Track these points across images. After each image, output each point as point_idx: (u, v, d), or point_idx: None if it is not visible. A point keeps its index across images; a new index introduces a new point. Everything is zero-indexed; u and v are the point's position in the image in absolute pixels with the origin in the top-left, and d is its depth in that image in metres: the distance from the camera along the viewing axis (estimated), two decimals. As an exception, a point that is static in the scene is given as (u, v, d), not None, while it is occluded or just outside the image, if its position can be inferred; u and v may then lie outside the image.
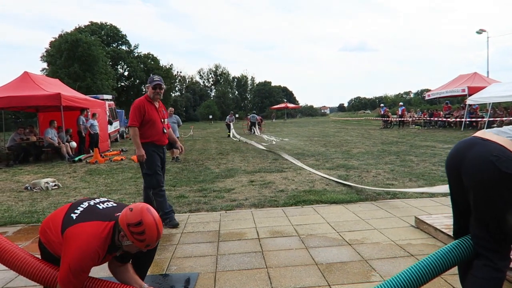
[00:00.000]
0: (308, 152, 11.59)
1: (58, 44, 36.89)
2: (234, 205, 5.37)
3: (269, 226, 4.36)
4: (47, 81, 13.67)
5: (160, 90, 4.53)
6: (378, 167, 8.16)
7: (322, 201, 5.36)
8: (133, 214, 2.20)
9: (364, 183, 6.46)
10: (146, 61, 54.26)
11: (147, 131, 4.47)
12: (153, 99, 4.56)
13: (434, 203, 5.09)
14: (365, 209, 4.94)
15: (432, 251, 3.42)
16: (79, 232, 2.20)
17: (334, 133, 21.49)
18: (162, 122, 4.61)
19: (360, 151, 11.33)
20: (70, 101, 12.09)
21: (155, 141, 4.53)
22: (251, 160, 10.43)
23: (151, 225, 2.20)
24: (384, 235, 3.89)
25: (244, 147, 14.39)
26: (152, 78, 4.58)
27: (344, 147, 12.90)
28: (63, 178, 8.58)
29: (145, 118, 4.44)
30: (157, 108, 4.60)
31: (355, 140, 15.83)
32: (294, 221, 4.49)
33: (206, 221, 4.66)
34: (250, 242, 3.85)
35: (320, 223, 4.40)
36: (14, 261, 2.33)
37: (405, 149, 11.58)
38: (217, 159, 10.85)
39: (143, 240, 2.20)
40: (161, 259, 3.50)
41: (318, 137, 18.24)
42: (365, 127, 27.39)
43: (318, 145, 14.13)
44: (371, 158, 9.73)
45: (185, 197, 5.96)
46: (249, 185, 6.81)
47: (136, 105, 4.45)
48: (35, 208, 5.69)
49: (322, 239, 3.85)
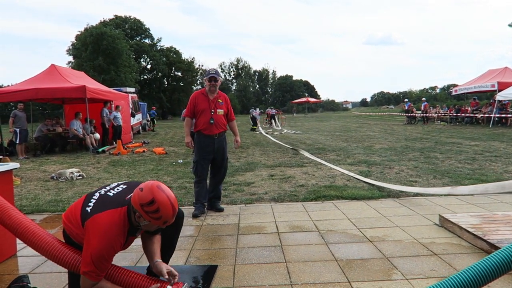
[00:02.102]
0: (329, 147, 11.49)
1: (83, 37, 37.76)
2: (254, 198, 5.39)
3: (288, 220, 4.36)
4: (73, 73, 14.01)
5: (216, 82, 4.72)
6: (401, 164, 8.01)
7: (342, 196, 5.31)
8: (144, 194, 2.21)
9: (386, 180, 6.36)
10: (169, 54, 54.86)
11: (197, 121, 4.78)
12: (209, 91, 4.75)
13: (459, 201, 4.96)
14: (387, 206, 4.86)
15: (456, 251, 3.34)
16: (96, 223, 2.25)
17: (356, 128, 21.21)
18: (211, 113, 4.71)
19: (383, 147, 11.14)
20: (95, 94, 12.36)
21: (202, 130, 4.76)
22: (271, 154, 10.42)
23: (165, 201, 2.20)
24: (407, 233, 3.82)
25: (265, 141, 14.39)
26: (208, 71, 4.77)
27: (366, 142, 12.72)
28: (87, 168, 8.80)
29: (196, 109, 4.75)
30: (210, 100, 4.73)
31: (377, 135, 15.58)
32: (314, 216, 4.47)
33: (226, 214, 4.70)
34: (270, 236, 3.85)
35: (341, 219, 4.36)
36: (42, 245, 2.40)
37: (430, 145, 11.32)
38: (237, 153, 10.89)
39: (159, 218, 2.21)
40: (181, 250, 3.54)
41: (339, 132, 18.05)
42: (388, 122, 26.91)
43: (339, 140, 13.98)
44: (394, 154, 9.56)
45: (205, 190, 6.01)
46: (269, 179, 6.81)
47: (191, 97, 4.83)
48: (60, 197, 5.87)
49: (342, 235, 3.82)
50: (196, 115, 4.74)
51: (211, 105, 4.73)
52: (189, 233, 4.04)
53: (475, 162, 7.93)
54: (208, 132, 4.73)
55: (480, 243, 3.36)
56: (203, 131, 4.73)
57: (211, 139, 4.75)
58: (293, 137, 15.96)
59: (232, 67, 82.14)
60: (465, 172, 6.80)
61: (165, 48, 55.92)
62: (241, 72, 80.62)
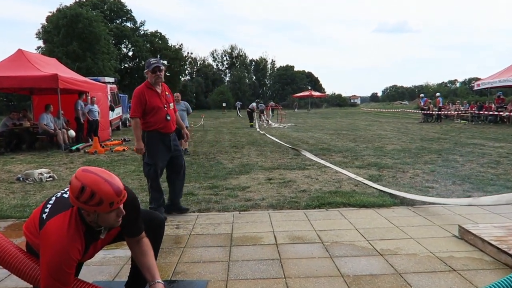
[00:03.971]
0: (334, 148, 11.52)
1: (55, 19, 37.57)
2: (249, 205, 5.39)
3: (288, 230, 4.36)
4: (43, 60, 13.94)
5: (160, 72, 4.74)
6: (416, 167, 8.05)
7: (350, 204, 5.32)
8: (73, 186, 2.19)
9: (399, 185, 6.38)
10: (153, 40, 54.72)
11: (150, 119, 4.73)
12: (155, 84, 4.79)
13: (481, 211, 4.99)
14: (400, 214, 4.87)
15: (478, 266, 3.35)
16: (47, 232, 2.23)
17: (365, 126, 21.27)
18: (165, 108, 4.83)
19: (395, 148, 11.19)
20: (68, 83, 12.31)
21: (159, 128, 4.78)
22: (269, 154, 10.42)
23: (96, 181, 2.17)
24: (422, 246, 3.83)
25: (262, 140, 14.40)
26: (149, 61, 4.80)
27: (376, 143, 12.76)
28: (58, 169, 8.76)
29: (147, 107, 4.70)
30: (160, 94, 4.83)
31: (389, 135, 15.64)
32: (317, 226, 4.47)
33: (217, 223, 4.69)
34: (267, 248, 3.85)
35: (347, 229, 4.37)
36: (4, 255, 2.38)
37: (449, 147, 11.38)
38: (231, 153, 10.88)
39: (101, 202, 2.17)
40: (166, 263, 3.53)
41: (346, 131, 18.09)
42: (401, 120, 27.02)
43: (346, 139, 14.02)
44: (408, 156, 9.60)
45: (193, 195, 6.01)
46: (267, 183, 6.81)
47: (136, 94, 4.72)
48: (27, 202, 5.83)
49: (349, 248, 3.82)
50: (148, 113, 4.73)
51: (162, 100, 4.83)
52: (175, 243, 4.03)
53: (499, 166, 7.97)
54: (165, 130, 4.83)
55: (505, 258, 3.38)
56: (160, 129, 4.78)
57: (168, 137, 4.87)
58: (294, 136, 15.98)
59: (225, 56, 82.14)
60: (488, 178, 6.83)
61: (149, 33, 55.75)
62: (236, 62, 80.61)
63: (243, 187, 6.49)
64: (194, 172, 8.03)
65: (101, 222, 2.29)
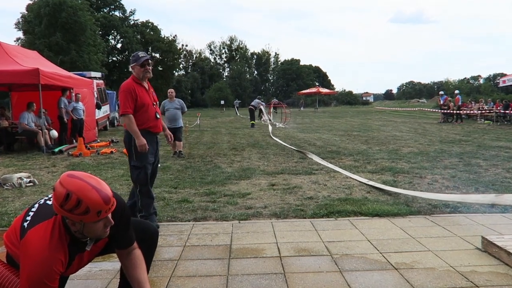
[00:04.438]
0: (344, 151, 11.53)
1: (36, 8, 37.65)
2: (250, 213, 5.40)
3: (293, 241, 4.37)
4: (23, 53, 13.98)
5: (149, 66, 4.81)
6: (434, 172, 8.06)
7: (361, 212, 5.33)
8: (57, 192, 2.19)
9: (416, 192, 6.38)
10: (144, 31, 54.88)
11: (140, 117, 4.77)
12: (143, 79, 4.85)
13: (507, 220, 4.99)
14: (417, 224, 4.88)
15: (503, 282, 3.36)
16: (27, 242, 2.24)
17: (379, 126, 21.28)
18: (154, 106, 4.93)
19: (412, 151, 11.19)
20: (50, 79, 12.34)
21: (149, 128, 4.84)
22: (272, 158, 10.44)
23: (82, 188, 2.17)
24: (441, 259, 3.84)
25: (264, 142, 14.43)
26: (137, 54, 4.84)
27: (391, 145, 12.78)
28: (39, 173, 8.78)
29: (138, 104, 4.74)
30: (148, 90, 4.91)
31: (405, 136, 15.64)
32: (326, 237, 4.48)
33: (215, 233, 4.70)
34: (269, 261, 3.86)
35: (359, 240, 4.38)
36: None
37: (471, 149, 11.38)
38: (230, 156, 10.90)
39: (87, 211, 2.17)
40: (158, 277, 3.54)
41: (357, 132, 18.10)
42: (419, 120, 27.02)
43: (357, 141, 14.03)
44: (426, 160, 9.61)
45: (189, 202, 6.03)
46: (269, 189, 6.83)
47: (126, 89, 4.73)
48: (5, 209, 5.85)
49: (360, 261, 3.83)
50: (138, 111, 4.78)
51: (150, 96, 4.92)
52: (168, 255, 4.04)
53: (527, 172, 7.98)
54: (155, 129, 4.92)
55: (533, 273, 3.37)
56: (150, 129, 4.85)
57: (156, 138, 4.98)
58: (300, 137, 15.99)
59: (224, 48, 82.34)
60: (514, 184, 6.84)
61: (139, 23, 55.96)
62: (235, 55, 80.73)
63: (244, 194, 6.50)
64: (189, 177, 8.05)
65: (87, 232, 2.28)
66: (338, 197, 6.14)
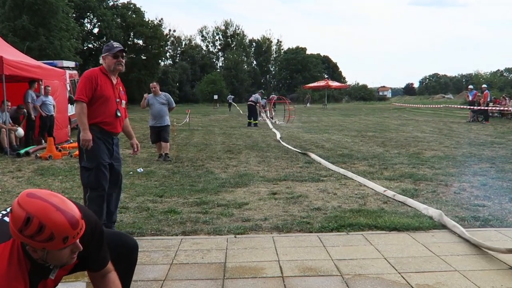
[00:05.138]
0: (358, 154, 11.54)
1: (0, -14, 37.59)
2: (248, 227, 5.40)
3: (298, 259, 4.37)
4: (-17, 39, 13.94)
5: (123, 58, 4.92)
6: (462, 179, 8.07)
7: (377, 226, 5.33)
8: (16, 215, 2.09)
9: (440, 202, 6.40)
10: (125, 13, 54.90)
11: (95, 109, 4.83)
12: (114, 72, 4.96)
13: (546, 236, 5.00)
14: (442, 240, 4.88)
15: (541, 307, 3.36)
16: None
17: (397, 126, 21.30)
18: (117, 103, 4.99)
19: (436, 155, 11.21)
20: (16, 69, 12.32)
21: (102, 124, 4.88)
22: (273, 162, 10.45)
23: (45, 211, 2.07)
24: (469, 280, 3.84)
25: (264, 143, 14.44)
26: (111, 44, 4.98)
27: (412, 147, 12.80)
28: (2, 178, 8.77)
29: (96, 93, 4.81)
30: (114, 85, 4.99)
31: (428, 137, 15.67)
32: (335, 254, 4.49)
33: (207, 249, 4.70)
34: (270, 282, 3.87)
35: (374, 258, 4.38)
36: None
37: (505, 153, 11.40)
38: (224, 159, 10.90)
39: (52, 237, 2.07)
40: (140, 300, 3.54)
41: (373, 132, 18.13)
42: (444, 119, 27.05)
43: (373, 143, 14.05)
44: (452, 165, 9.62)
45: (176, 213, 6.03)
46: (270, 198, 6.83)
47: (88, 75, 4.86)
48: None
49: (376, 282, 3.84)
50: (95, 101, 4.83)
51: (115, 91, 4.98)
52: (152, 275, 4.04)
53: None
54: (111, 128, 4.96)
55: None
56: (104, 125, 4.89)
57: (111, 139, 5.01)
58: (306, 138, 16.00)
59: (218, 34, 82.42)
60: (555, 194, 6.85)
61: (120, 4, 56.00)
62: (231, 42, 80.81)
63: (240, 204, 6.49)
64: (177, 183, 8.05)
65: (50, 260, 2.21)
66: (350, 208, 6.14)
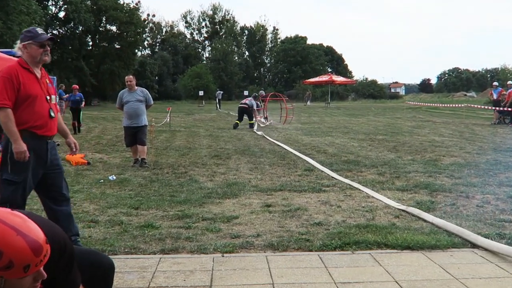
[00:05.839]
0: (365, 160, 11.57)
1: None
2: (238, 244, 5.39)
3: (295, 282, 4.37)
4: None
5: (50, 48, 4.81)
6: (486, 191, 8.08)
7: (387, 244, 5.33)
8: None
9: (461, 217, 6.42)
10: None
11: (22, 113, 4.66)
12: (38, 63, 4.81)
13: None
14: (462, 261, 4.89)
15: None
16: None
17: (411, 128, 21.36)
18: (48, 101, 4.83)
19: (456, 162, 11.24)
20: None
21: (34, 128, 4.72)
22: (267, 169, 10.46)
23: (4, 235, 2.01)
24: (493, 308, 3.85)
25: (257, 147, 14.44)
26: (35, 30, 4.83)
27: (428, 153, 12.83)
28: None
29: (21, 94, 4.63)
30: (39, 79, 4.82)
31: (447, 142, 15.71)
32: (339, 276, 4.49)
33: (189, 270, 4.70)
34: (263, 309, 3.86)
35: (383, 281, 4.39)
36: None
37: (535, 161, 11.43)
38: (211, 166, 10.88)
39: (11, 266, 2.01)
40: (111, 329, 3.53)
41: (383, 135, 18.18)
42: (465, 120, 27.13)
43: (383, 148, 14.09)
44: (474, 174, 9.64)
45: (154, 228, 6.01)
46: (264, 211, 6.83)
47: (6, 74, 4.61)
48: None
49: (385, 309, 3.83)
50: (20, 104, 4.66)
51: (43, 87, 4.82)
52: (125, 300, 4.03)
53: None
54: (45, 131, 4.81)
55: None
56: (36, 129, 4.74)
57: (45, 143, 4.86)
58: (305, 142, 16.00)
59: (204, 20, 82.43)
60: None
61: (90, -16, 55.78)
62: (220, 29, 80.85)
63: (229, 217, 6.48)
64: (155, 193, 8.03)
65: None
66: (356, 223, 6.14)
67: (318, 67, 77.69)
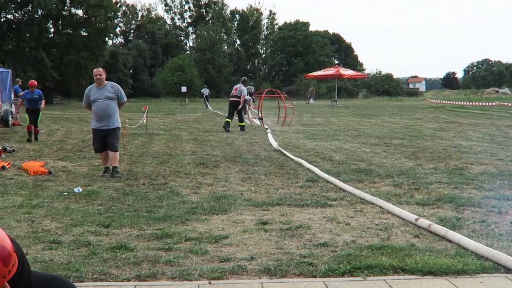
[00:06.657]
0: (379, 169, 11.59)
1: None
2: (228, 269, 5.38)
3: (296, 314, 4.37)
4: None
5: None
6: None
7: (405, 268, 5.34)
8: None
9: (492, 236, 6.43)
10: (60, -27, 54.62)
11: None
12: None
13: None
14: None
15: None
16: None
17: (433, 131, 21.41)
18: None
19: (487, 171, 11.26)
20: None
21: None
22: (263, 179, 10.46)
23: None
24: None
25: (250, 154, 14.44)
26: None
27: (453, 160, 12.86)
28: None
29: None
30: None
31: (475, 147, 15.75)
32: (348, 307, 4.49)
33: (170, 299, 4.70)
34: None
35: (401, 313, 4.39)
36: None
37: None
38: (195, 176, 10.87)
39: None
40: None
41: (400, 139, 18.21)
42: (497, 122, 27.21)
43: (400, 155, 14.11)
44: (508, 185, 9.66)
45: (128, 249, 6.00)
46: (259, 230, 6.82)
47: None
48: None
49: None
50: None
51: None
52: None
53: None
54: None
55: None
56: None
57: None
58: (308, 147, 16.00)
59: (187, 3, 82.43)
60: None
61: (52, -40, 55.78)
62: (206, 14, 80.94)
63: (217, 237, 6.48)
64: (130, 208, 8.02)
65: None
66: (369, 244, 6.14)
67: (323, 59, 77.69)
